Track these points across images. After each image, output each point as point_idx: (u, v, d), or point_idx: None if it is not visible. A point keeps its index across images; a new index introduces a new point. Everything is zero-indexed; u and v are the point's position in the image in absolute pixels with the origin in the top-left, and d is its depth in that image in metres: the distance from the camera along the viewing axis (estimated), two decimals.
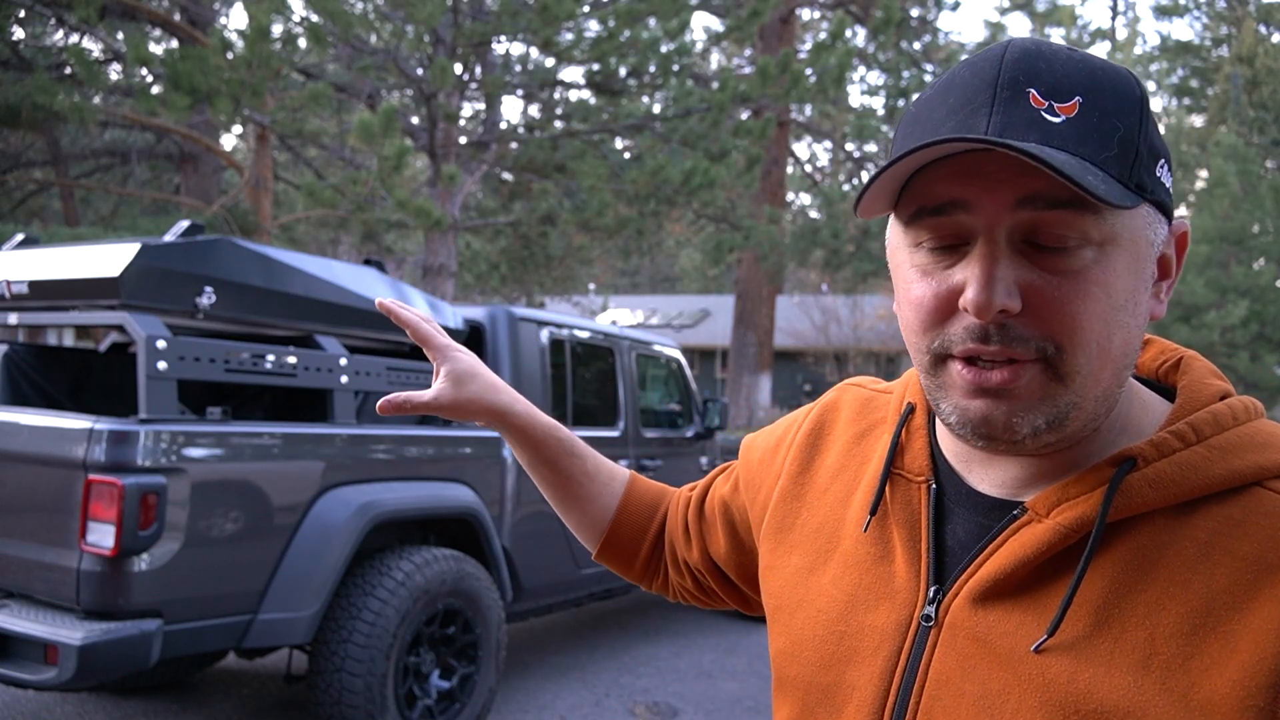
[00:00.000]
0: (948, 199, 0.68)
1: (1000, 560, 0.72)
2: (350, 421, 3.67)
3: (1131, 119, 0.67)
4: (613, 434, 5.08)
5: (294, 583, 3.33)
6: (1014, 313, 0.67)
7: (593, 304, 23.83)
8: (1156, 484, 0.69)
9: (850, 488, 0.89)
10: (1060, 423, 0.69)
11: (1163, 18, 41.60)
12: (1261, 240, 19.54)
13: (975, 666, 0.71)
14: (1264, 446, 0.70)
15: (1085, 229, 0.66)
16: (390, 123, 8.01)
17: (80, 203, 15.49)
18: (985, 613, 0.72)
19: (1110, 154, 0.66)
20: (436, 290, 10.27)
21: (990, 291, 0.66)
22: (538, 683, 4.76)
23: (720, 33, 13.40)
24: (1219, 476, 0.69)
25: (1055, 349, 0.67)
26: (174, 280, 3.25)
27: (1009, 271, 0.67)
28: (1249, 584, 0.65)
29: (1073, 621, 0.68)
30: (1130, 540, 0.69)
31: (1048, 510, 0.72)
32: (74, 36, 12.45)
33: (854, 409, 0.95)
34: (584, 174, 10.13)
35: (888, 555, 0.81)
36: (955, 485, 0.80)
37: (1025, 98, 0.67)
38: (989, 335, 0.68)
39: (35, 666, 2.88)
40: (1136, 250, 0.69)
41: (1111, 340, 0.68)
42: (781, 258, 15.31)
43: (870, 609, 0.80)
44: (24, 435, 3.14)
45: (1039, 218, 0.66)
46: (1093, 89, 0.67)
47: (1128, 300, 0.69)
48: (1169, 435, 0.71)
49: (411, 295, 4.22)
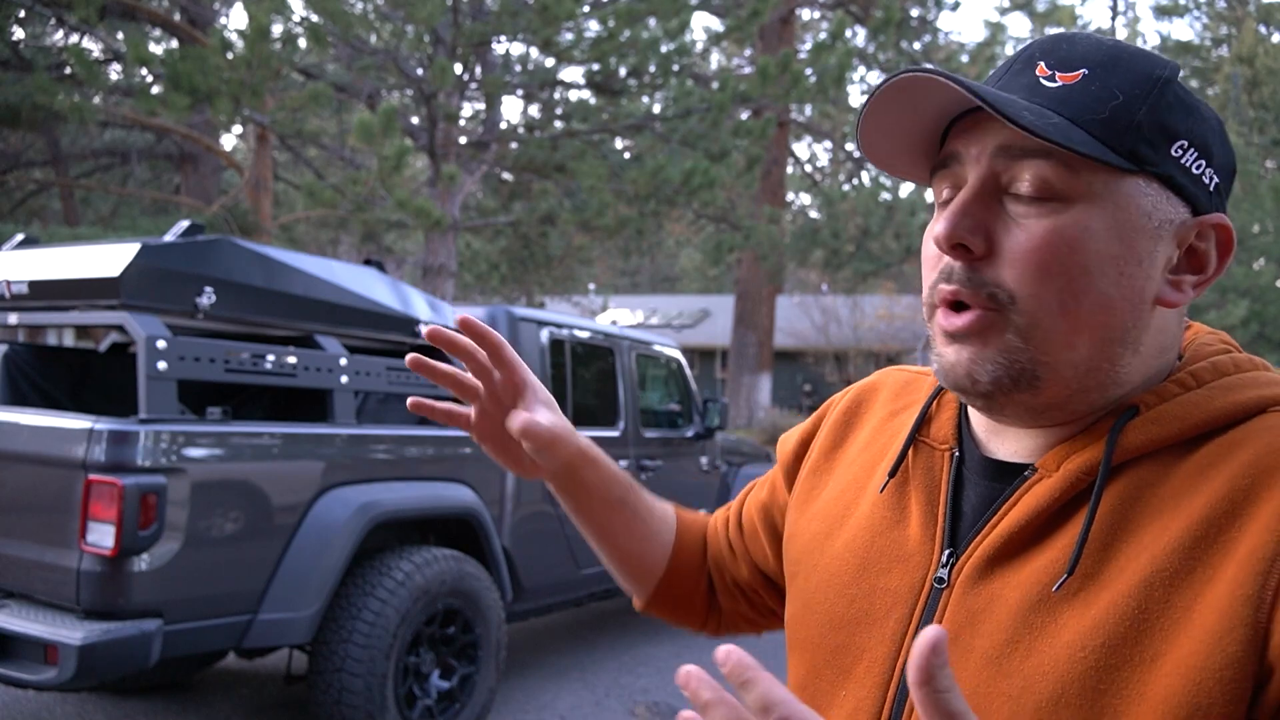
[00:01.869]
0: (950, 152, 0.73)
1: (1013, 518, 0.73)
2: (350, 421, 3.67)
3: (1137, 92, 0.68)
4: (613, 434, 5.08)
5: (294, 583, 3.33)
6: (977, 252, 0.69)
7: (593, 304, 23.84)
8: (1156, 422, 0.70)
9: (876, 459, 0.89)
10: (1028, 381, 0.70)
11: (1163, 18, 41.60)
12: (1261, 240, 19.53)
13: (984, 622, 0.71)
14: (1268, 384, 0.71)
15: (1056, 183, 0.68)
16: (390, 123, 8.01)
17: (80, 203, 15.49)
18: (998, 571, 0.73)
19: (1098, 116, 0.67)
20: (436, 290, 10.27)
21: (951, 223, 0.69)
22: (538, 683, 4.76)
23: (720, 33, 13.40)
24: (1220, 409, 0.69)
25: (1009, 297, 0.69)
26: (174, 280, 3.25)
27: (978, 211, 0.69)
28: (1246, 489, 0.65)
29: (1085, 562, 0.68)
30: (1135, 479, 0.70)
31: (1057, 465, 0.72)
32: (74, 36, 12.46)
33: (893, 389, 0.96)
34: (584, 174, 10.14)
35: (903, 520, 0.82)
36: (974, 454, 0.81)
37: (1033, 68, 0.71)
38: (951, 274, 0.70)
39: (35, 666, 2.88)
40: (1123, 218, 0.68)
41: (1079, 301, 0.68)
42: (781, 258, 15.31)
43: (883, 572, 0.80)
44: (24, 435, 3.14)
45: (1011, 169, 0.69)
46: (1104, 64, 0.69)
47: (1105, 265, 0.68)
48: (1170, 383, 0.72)
49: (411, 295, 4.22)
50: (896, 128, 0.74)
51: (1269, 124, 24.49)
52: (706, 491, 5.95)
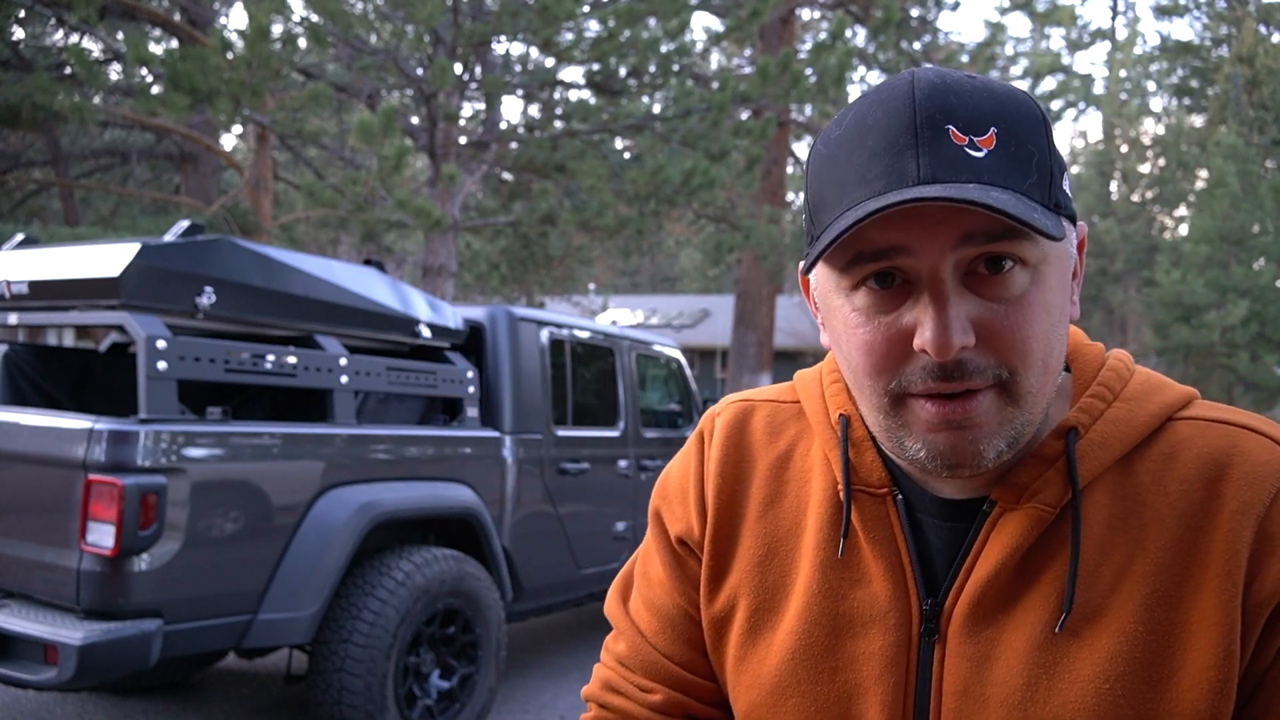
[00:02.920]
0: (888, 245, 0.68)
1: (991, 558, 0.73)
2: (350, 421, 3.67)
3: (1041, 141, 0.69)
4: (613, 434, 5.08)
5: (294, 583, 3.33)
6: (970, 347, 0.69)
7: (593, 304, 23.82)
8: (1103, 445, 0.74)
9: (795, 514, 0.84)
10: (1017, 442, 0.72)
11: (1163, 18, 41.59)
12: (1261, 240, 19.52)
13: (991, 669, 0.71)
14: (1159, 387, 0.78)
15: (1022, 254, 0.68)
16: (390, 123, 8.01)
17: (80, 203, 15.49)
18: (989, 614, 0.73)
19: (1032, 180, 0.68)
20: (436, 290, 10.27)
21: (948, 333, 0.67)
22: (538, 683, 4.76)
23: (720, 33, 13.40)
24: (1143, 423, 0.75)
25: (1009, 373, 0.69)
26: (174, 280, 3.25)
27: (960, 309, 0.68)
28: (1201, 500, 0.71)
29: (1079, 593, 0.71)
30: (1091, 502, 0.73)
31: (1016, 498, 0.73)
32: (74, 36, 12.45)
33: (762, 427, 0.89)
34: (584, 174, 10.13)
35: (863, 578, 0.79)
36: (918, 493, 0.79)
37: (946, 135, 0.67)
38: (949, 373, 0.69)
39: (35, 666, 2.88)
40: (1062, 265, 0.72)
41: (1052, 354, 0.71)
42: (781, 258, 15.30)
43: (857, 636, 0.77)
44: (24, 435, 3.14)
45: (980, 250, 0.68)
46: (1003, 117, 0.68)
47: (1061, 314, 0.72)
48: (1091, 400, 0.76)
49: (411, 295, 4.22)
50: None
51: (1269, 124, 24.49)
52: None
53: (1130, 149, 29.10)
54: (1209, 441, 0.73)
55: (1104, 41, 35.45)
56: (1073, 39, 34.67)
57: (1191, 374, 19.66)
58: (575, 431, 4.78)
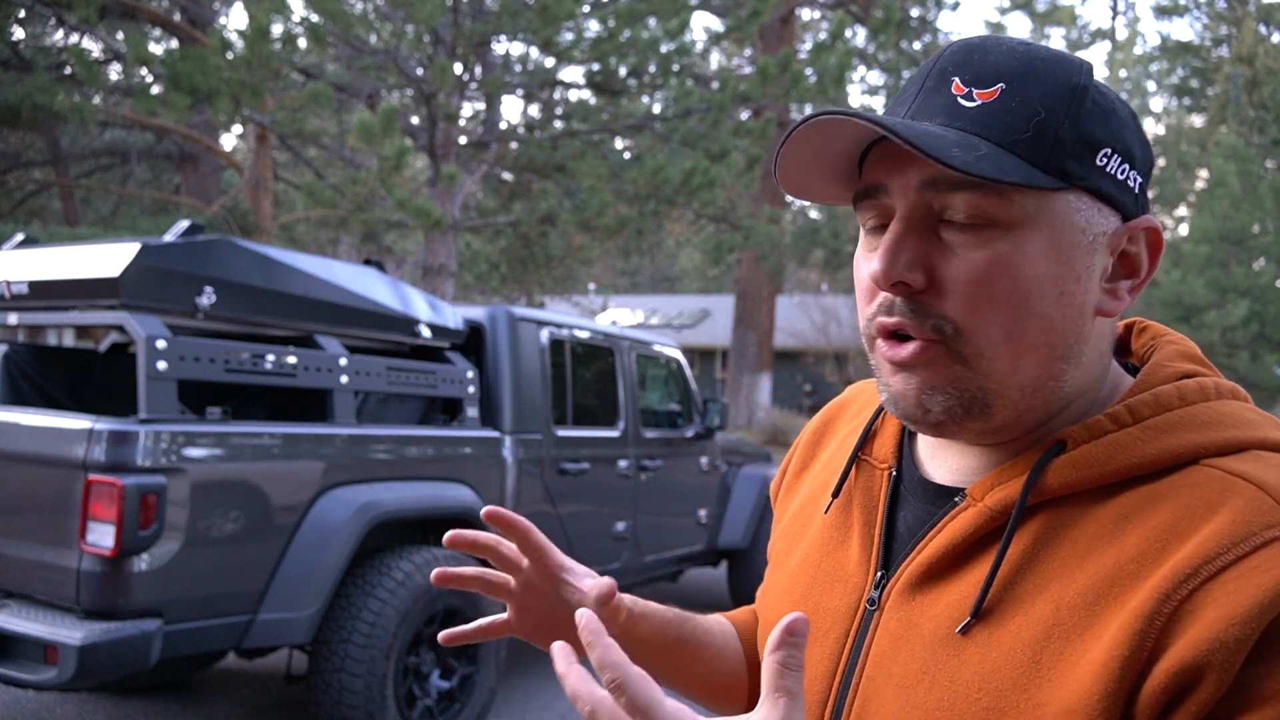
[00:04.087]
0: (872, 182, 0.72)
1: (935, 545, 0.73)
2: (350, 421, 3.67)
3: (1057, 105, 0.67)
4: (613, 434, 5.08)
5: (294, 583, 3.33)
6: (916, 287, 0.68)
7: (593, 304, 23.82)
8: (1079, 465, 0.68)
9: (832, 476, 0.90)
10: (979, 408, 0.70)
11: (1163, 18, 41.61)
12: (1261, 240, 19.53)
13: (902, 649, 0.73)
14: (1206, 426, 0.68)
15: (990, 211, 0.67)
16: (390, 123, 8.01)
17: (80, 203, 15.49)
18: (918, 597, 0.74)
19: (1022, 136, 0.66)
20: (436, 290, 10.27)
21: (887, 262, 0.68)
22: (538, 683, 4.76)
23: (720, 33, 13.40)
24: (1147, 456, 0.67)
25: (954, 329, 0.68)
26: (174, 280, 3.25)
27: (913, 246, 0.68)
28: (1156, 553, 0.63)
29: (991, 601, 0.69)
30: (1050, 519, 0.69)
31: (982, 495, 0.72)
32: (74, 36, 12.46)
33: (860, 404, 0.97)
34: (584, 174, 10.13)
35: (845, 539, 0.83)
36: (912, 474, 0.81)
37: (948, 85, 0.69)
38: (892, 307, 0.70)
39: (35, 666, 2.88)
40: (1059, 237, 0.68)
41: (1024, 326, 0.68)
42: (781, 258, 15.32)
43: (825, 591, 0.82)
44: (24, 435, 3.14)
45: (941, 199, 0.68)
46: (1020, 76, 0.67)
47: (1045, 287, 0.68)
48: (1104, 418, 0.70)
49: (411, 295, 4.22)
50: (813, 159, 0.73)
51: (1269, 124, 24.49)
52: (707, 492, 5.95)
53: None
54: (1204, 494, 0.64)
55: (1104, 41, 35.47)
56: (1073, 39, 34.69)
57: None
58: (575, 431, 4.78)
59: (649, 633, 0.94)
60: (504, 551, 0.91)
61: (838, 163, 0.74)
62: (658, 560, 5.40)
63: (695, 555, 5.85)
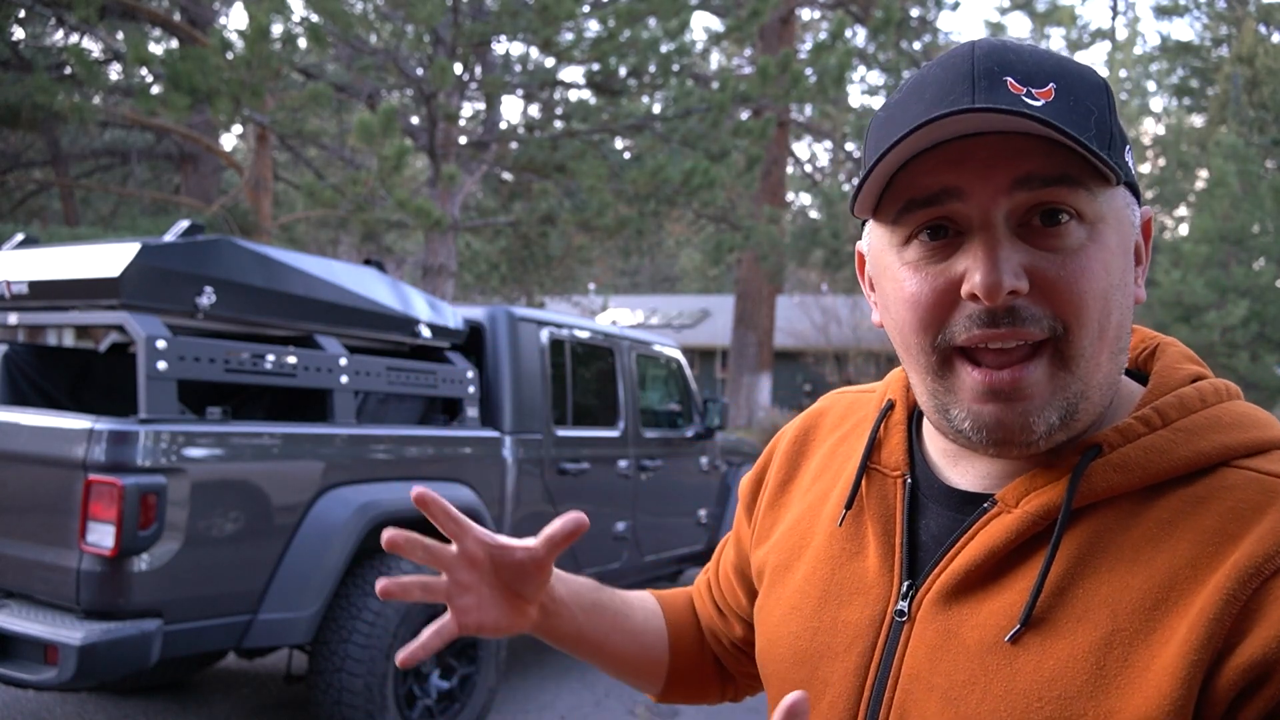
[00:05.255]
0: (939, 188, 0.67)
1: (971, 553, 0.72)
2: (350, 421, 3.67)
3: (1102, 103, 0.68)
4: (613, 434, 5.08)
5: (294, 583, 3.33)
6: (1023, 293, 0.66)
7: (593, 304, 23.81)
8: (1121, 468, 0.69)
9: (829, 488, 0.89)
10: (1072, 416, 0.69)
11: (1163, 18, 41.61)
12: (1261, 240, 19.53)
13: (943, 659, 0.71)
14: (1230, 427, 0.70)
15: (1079, 206, 0.67)
16: (390, 123, 8.01)
17: (80, 203, 15.49)
18: (956, 606, 0.73)
19: (1090, 134, 0.66)
20: (436, 290, 10.27)
21: (999, 273, 0.65)
22: (538, 683, 4.76)
23: (720, 33, 13.40)
24: (1183, 459, 0.68)
25: (1063, 328, 0.67)
26: (174, 280, 3.25)
27: (1013, 254, 0.66)
28: (1210, 556, 0.64)
29: (1041, 608, 0.68)
30: (1095, 524, 0.69)
31: (1016, 501, 0.71)
32: (74, 36, 12.46)
33: (839, 413, 0.96)
34: (584, 174, 10.13)
35: (861, 551, 0.81)
36: (930, 479, 0.80)
37: (1004, 84, 0.66)
38: (998, 318, 0.67)
39: (35, 666, 2.88)
40: (1122, 230, 0.70)
41: (1110, 319, 0.68)
42: (781, 258, 15.32)
43: (843, 604, 0.80)
44: (24, 435, 3.14)
45: (1036, 197, 0.66)
46: (1064, 75, 0.68)
47: (1122, 279, 0.69)
48: (1134, 421, 0.70)
49: (411, 295, 4.22)
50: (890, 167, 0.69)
51: (1269, 124, 24.49)
52: (706, 491, 5.95)
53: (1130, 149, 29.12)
54: (1247, 497, 0.65)
55: (1104, 41, 35.45)
56: (1073, 39, 34.68)
57: None
58: (575, 431, 4.78)
59: (566, 594, 0.96)
60: (431, 548, 0.88)
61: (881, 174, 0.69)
62: (658, 560, 5.40)
63: (695, 555, 5.85)
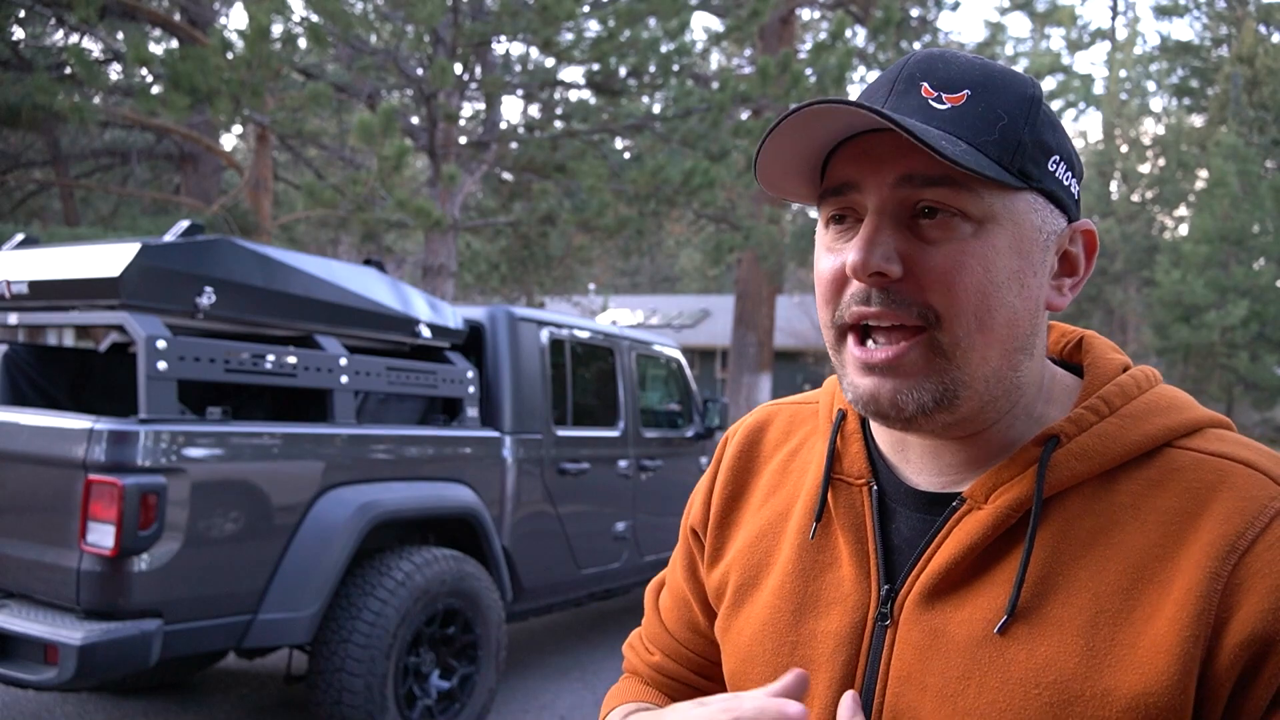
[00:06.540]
0: (843, 180, 0.74)
1: (947, 552, 0.74)
2: (350, 421, 3.67)
3: (1017, 113, 0.72)
4: (613, 434, 5.08)
5: (294, 583, 3.33)
6: (893, 276, 0.71)
7: (593, 304, 23.83)
8: (1081, 457, 0.73)
9: (789, 501, 0.89)
10: (949, 401, 0.73)
11: (1163, 18, 41.61)
12: (1261, 240, 19.53)
13: (934, 658, 0.73)
14: (1167, 410, 0.76)
15: (963, 205, 0.70)
16: (390, 123, 8.01)
17: (80, 203, 15.49)
18: (939, 605, 0.74)
19: (990, 139, 0.70)
20: (436, 290, 10.26)
21: (867, 253, 0.71)
22: (538, 683, 4.76)
23: (720, 33, 13.39)
24: (1133, 443, 0.73)
25: (935, 316, 0.71)
26: (174, 280, 3.25)
27: (889, 239, 0.71)
28: (1176, 534, 0.69)
29: (1025, 598, 0.71)
30: (1064, 512, 0.72)
31: (985, 496, 0.74)
32: (74, 36, 12.45)
33: (781, 428, 0.96)
34: (584, 174, 10.13)
35: (834, 562, 0.82)
36: (895, 484, 0.82)
37: (917, 89, 0.73)
38: (871, 298, 0.72)
39: (35, 666, 2.88)
40: (1020, 233, 0.73)
41: (992, 315, 0.71)
42: (781, 258, 15.31)
43: (820, 615, 0.81)
44: (24, 435, 3.14)
45: (917, 194, 0.71)
46: (983, 85, 0.72)
47: (1010, 279, 0.72)
48: (1085, 410, 0.75)
49: (411, 295, 4.22)
50: (789, 152, 0.75)
51: (1269, 124, 24.49)
52: None
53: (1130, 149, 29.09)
54: (1200, 476, 0.71)
55: (1104, 41, 35.44)
56: (1073, 39, 34.67)
57: (1191, 374, 19.66)
58: (575, 431, 4.78)
59: None
60: None
61: (810, 159, 0.76)
62: (658, 560, 5.40)
63: None
